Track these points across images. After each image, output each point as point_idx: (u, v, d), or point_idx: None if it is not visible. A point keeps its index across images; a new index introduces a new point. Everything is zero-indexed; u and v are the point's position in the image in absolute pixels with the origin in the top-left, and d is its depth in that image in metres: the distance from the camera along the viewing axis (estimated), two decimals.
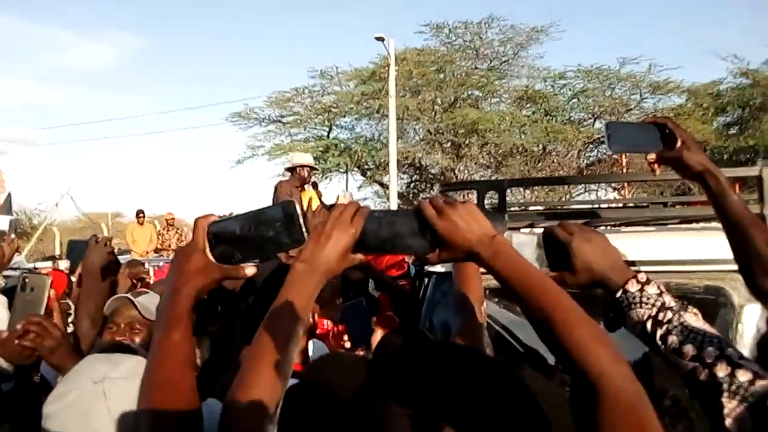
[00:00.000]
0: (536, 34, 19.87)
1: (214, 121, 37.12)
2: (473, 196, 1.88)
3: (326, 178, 21.49)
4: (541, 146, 20.16)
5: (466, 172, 21.55)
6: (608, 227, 2.01)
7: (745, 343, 1.63)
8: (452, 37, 20.28)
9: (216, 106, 40.50)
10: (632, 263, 1.73)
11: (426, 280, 2.01)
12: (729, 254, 1.69)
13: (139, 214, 12.03)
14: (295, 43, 45.36)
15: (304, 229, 0.96)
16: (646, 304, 1.05)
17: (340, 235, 0.94)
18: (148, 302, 1.99)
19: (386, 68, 18.19)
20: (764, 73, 18.53)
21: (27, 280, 1.59)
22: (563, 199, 16.01)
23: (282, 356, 0.90)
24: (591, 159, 21.07)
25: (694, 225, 1.92)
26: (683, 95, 20.02)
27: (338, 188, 21.71)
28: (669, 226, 1.95)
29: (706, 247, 1.73)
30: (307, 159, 5.81)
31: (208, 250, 0.97)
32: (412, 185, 23.70)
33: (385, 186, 21.36)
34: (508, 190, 1.89)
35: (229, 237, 0.97)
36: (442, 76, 19.93)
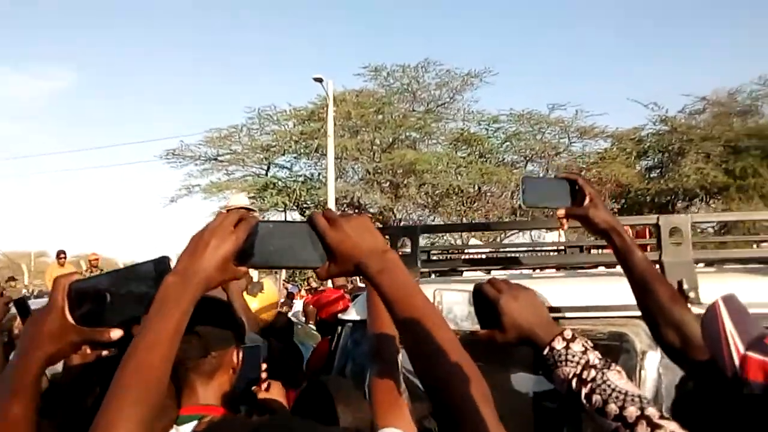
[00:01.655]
0: (471, 79, 20.64)
1: (148, 158, 36.08)
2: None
3: (263, 216, 21.18)
4: (476, 187, 20.69)
5: (404, 211, 21.83)
6: (521, 273, 2.03)
7: (647, 388, 1.65)
8: (390, 79, 20.80)
9: (150, 143, 39.53)
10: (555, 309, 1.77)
11: (339, 328, 1.96)
12: (630, 300, 1.74)
13: (60, 254, 11.42)
14: (234, 81, 45.24)
15: None
16: (571, 362, 1.04)
17: (219, 243, 0.85)
18: None
19: (325, 108, 18.35)
20: (681, 120, 19.89)
21: None
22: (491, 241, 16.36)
23: (153, 389, 0.77)
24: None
25: (599, 270, 1.97)
26: (608, 140, 21.16)
27: None
28: (575, 272, 1.99)
29: (609, 292, 1.77)
30: (243, 201, 5.69)
31: (67, 311, 0.87)
32: None
33: None
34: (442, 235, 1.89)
35: (94, 296, 0.89)
36: (380, 117, 20.29)
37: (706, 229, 14.01)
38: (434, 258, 2.24)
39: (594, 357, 1.06)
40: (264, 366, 1.62)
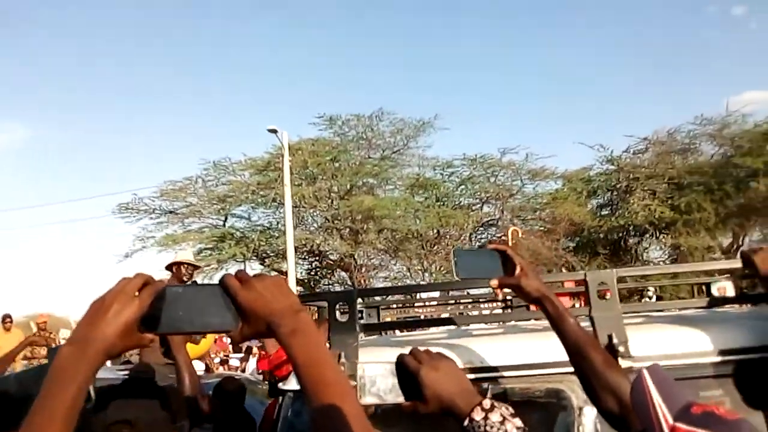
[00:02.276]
0: (423, 126, 21.14)
1: (100, 214, 35.19)
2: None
3: (223, 268, 20.83)
4: (435, 230, 20.90)
5: (365, 257, 21.80)
6: (459, 331, 2.05)
7: None
8: (345, 128, 21.12)
9: (102, 198, 38.63)
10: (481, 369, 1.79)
11: (280, 398, 1.92)
12: (566, 356, 1.78)
13: (6, 319, 10.82)
14: (186, 133, 45.01)
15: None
16: None
17: (121, 309, 0.81)
18: None
19: (281, 158, 18.41)
20: (626, 160, 20.73)
21: None
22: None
23: None
24: (482, 240, 22.11)
25: (535, 325, 2.01)
26: (559, 181, 21.82)
27: None
28: (513, 327, 2.03)
29: (546, 349, 1.80)
30: (188, 256, 5.59)
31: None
32: (312, 272, 23.54)
33: (284, 273, 21.01)
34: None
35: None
36: (336, 165, 20.46)
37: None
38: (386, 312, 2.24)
39: (512, 427, 1.08)
40: None
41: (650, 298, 10.57)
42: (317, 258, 22.42)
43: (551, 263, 20.91)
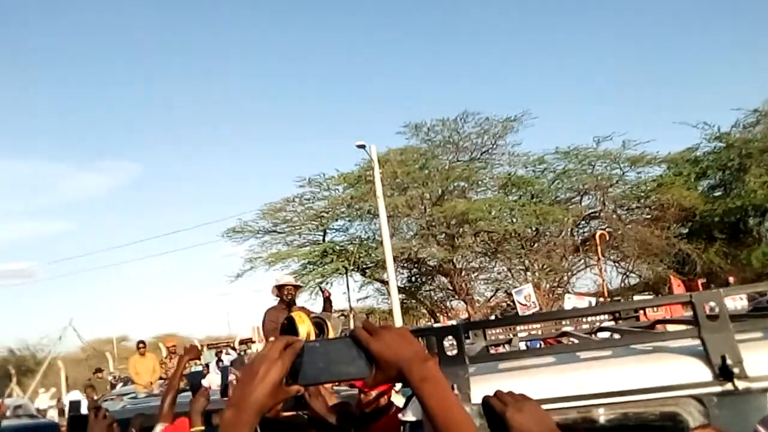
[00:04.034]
0: (511, 124, 20.75)
1: (210, 239, 37.62)
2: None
3: (326, 282, 21.54)
4: (533, 228, 20.43)
5: (463, 261, 21.72)
6: (568, 356, 2.09)
7: None
8: (431, 134, 21.21)
9: (212, 225, 41.41)
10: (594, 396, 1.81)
11: (401, 428, 2.06)
12: (680, 379, 1.78)
13: (140, 345, 11.87)
14: (281, 155, 47.19)
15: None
16: None
17: (267, 371, 0.94)
18: None
19: (371, 171, 18.80)
20: (736, 135, 19.22)
21: None
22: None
23: None
24: (585, 234, 21.34)
25: (645, 348, 2.00)
26: (662, 165, 20.59)
27: (339, 291, 21.71)
28: (623, 351, 2.03)
29: (657, 373, 1.81)
30: (288, 279, 5.94)
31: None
32: (412, 279, 23.77)
33: (385, 283, 21.40)
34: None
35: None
36: (426, 172, 20.57)
37: None
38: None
39: None
40: None
41: None
42: (416, 265, 22.61)
43: (663, 252, 19.77)
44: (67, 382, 20.96)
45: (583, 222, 21.30)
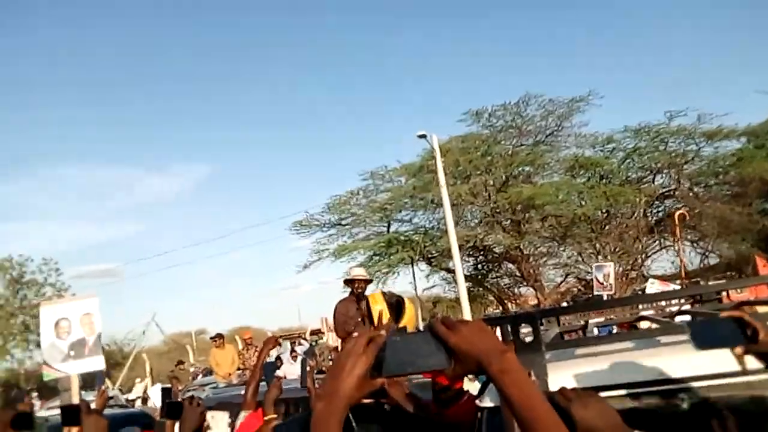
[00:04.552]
0: (576, 104, 20.11)
1: (279, 234, 38.87)
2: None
3: (394, 273, 21.77)
4: (603, 211, 19.80)
5: (531, 247, 21.34)
6: (646, 341, 2.07)
7: None
8: (492, 119, 20.82)
9: (280, 221, 42.76)
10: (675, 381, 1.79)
11: (479, 414, 2.10)
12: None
13: (216, 338, 12.39)
14: (343, 148, 48.02)
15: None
16: None
17: (353, 366, 1.02)
18: None
19: (433, 161, 18.74)
20: None
21: None
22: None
23: None
24: (660, 215, 20.49)
25: None
26: (742, 138, 19.43)
27: (405, 281, 21.85)
28: None
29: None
30: (359, 272, 6.07)
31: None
32: (478, 267, 23.59)
33: (451, 271, 21.37)
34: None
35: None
36: (489, 158, 20.28)
37: None
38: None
39: None
40: None
41: None
42: (482, 253, 22.41)
43: (744, 230, 18.71)
44: (152, 373, 22.17)
45: (656, 202, 20.42)
